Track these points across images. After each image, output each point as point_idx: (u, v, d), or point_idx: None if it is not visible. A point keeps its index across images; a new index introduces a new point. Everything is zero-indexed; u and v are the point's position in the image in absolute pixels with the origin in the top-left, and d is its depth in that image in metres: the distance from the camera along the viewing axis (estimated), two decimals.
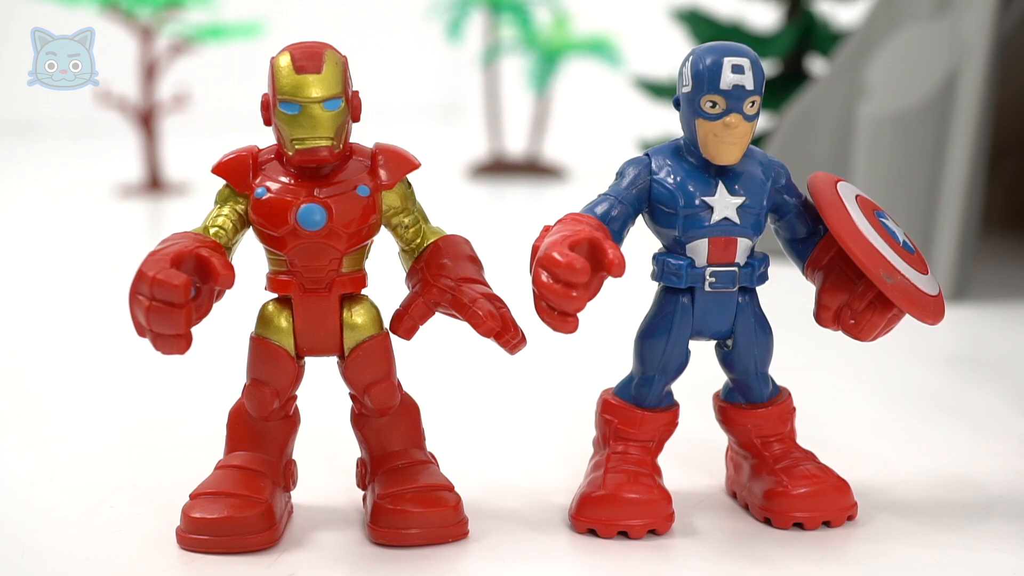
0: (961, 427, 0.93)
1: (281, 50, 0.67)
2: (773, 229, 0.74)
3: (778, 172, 0.72)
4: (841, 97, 1.56)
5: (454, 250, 0.70)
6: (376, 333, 0.70)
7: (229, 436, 0.72)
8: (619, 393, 0.74)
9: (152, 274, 0.60)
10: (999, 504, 0.76)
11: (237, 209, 0.69)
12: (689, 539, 0.70)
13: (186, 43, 2.22)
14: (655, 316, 0.72)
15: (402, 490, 0.69)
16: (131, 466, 0.82)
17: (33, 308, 1.38)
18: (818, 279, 0.72)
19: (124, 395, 1.01)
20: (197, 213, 0.71)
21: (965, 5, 1.39)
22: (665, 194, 0.69)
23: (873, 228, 0.69)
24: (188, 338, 0.61)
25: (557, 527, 0.71)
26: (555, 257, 0.61)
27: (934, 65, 1.38)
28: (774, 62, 1.86)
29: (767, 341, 0.73)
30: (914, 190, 1.38)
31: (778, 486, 0.71)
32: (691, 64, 0.69)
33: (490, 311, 0.67)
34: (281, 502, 0.70)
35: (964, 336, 1.24)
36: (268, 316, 0.70)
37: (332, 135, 0.66)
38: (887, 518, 0.73)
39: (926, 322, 0.69)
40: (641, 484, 0.70)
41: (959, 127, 1.34)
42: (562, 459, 0.83)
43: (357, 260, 0.70)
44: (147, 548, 0.68)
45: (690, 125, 0.69)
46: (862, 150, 1.44)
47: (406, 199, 0.71)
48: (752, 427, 0.74)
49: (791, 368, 0.80)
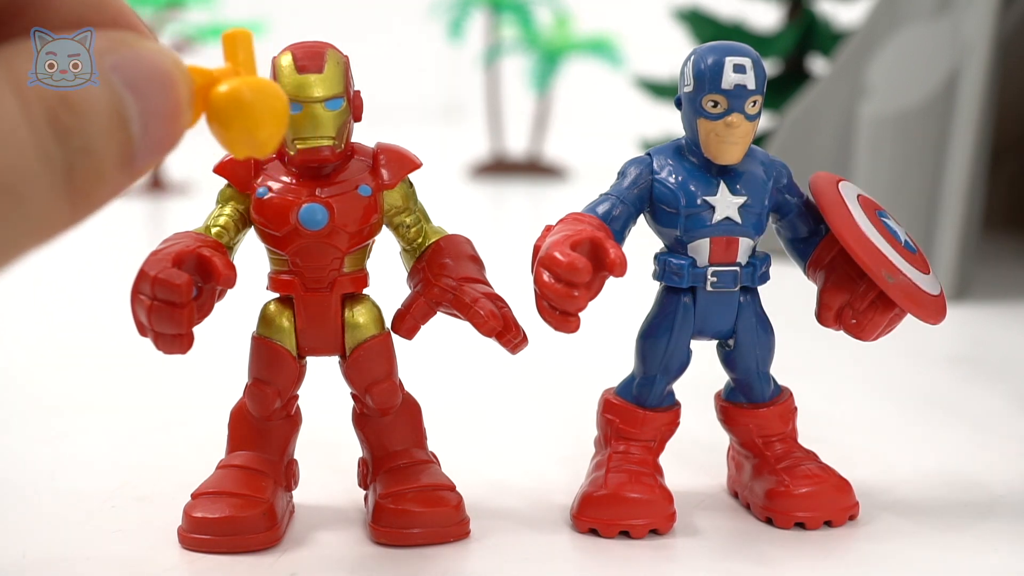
0: (962, 427, 0.93)
1: (283, 50, 0.67)
2: (775, 229, 0.74)
3: (779, 172, 0.72)
4: (842, 97, 1.56)
5: (456, 250, 0.70)
6: (378, 333, 0.70)
7: (231, 436, 0.72)
8: (621, 393, 0.74)
9: (154, 274, 0.60)
10: (1000, 504, 0.76)
11: (239, 209, 0.69)
12: (691, 539, 0.70)
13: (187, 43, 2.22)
14: (657, 316, 0.72)
15: (404, 490, 0.69)
16: (133, 466, 0.82)
17: (35, 308, 1.38)
18: (820, 279, 0.72)
19: (125, 395, 1.01)
20: (198, 213, 0.71)
21: (966, 5, 1.39)
22: (667, 194, 0.69)
23: (875, 228, 0.69)
24: (190, 338, 0.61)
25: (559, 527, 0.71)
26: (557, 257, 0.61)
27: (935, 65, 1.38)
28: (775, 62, 1.86)
29: (769, 341, 0.73)
30: (915, 189, 1.38)
31: (780, 486, 0.71)
32: (693, 64, 0.69)
33: (492, 311, 0.67)
34: (283, 502, 0.70)
35: (965, 336, 1.24)
36: (270, 316, 0.70)
37: (334, 135, 0.66)
38: (888, 518, 0.73)
39: (928, 322, 0.69)
40: (643, 484, 0.70)
41: (960, 127, 1.34)
42: (563, 459, 0.83)
43: (359, 260, 0.70)
44: (149, 547, 0.68)
45: (692, 125, 0.69)
46: (863, 150, 1.44)
47: (408, 199, 0.71)
48: (754, 427, 0.74)
49: (793, 368, 0.80)
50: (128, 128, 0.36)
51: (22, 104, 0.33)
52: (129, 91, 0.36)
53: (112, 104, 0.35)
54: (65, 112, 0.34)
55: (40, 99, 0.34)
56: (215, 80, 0.40)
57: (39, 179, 0.33)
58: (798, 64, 1.87)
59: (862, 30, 1.56)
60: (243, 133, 0.40)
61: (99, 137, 0.35)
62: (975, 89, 1.33)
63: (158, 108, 0.37)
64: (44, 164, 0.34)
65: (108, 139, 0.35)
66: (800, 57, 1.86)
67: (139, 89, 0.36)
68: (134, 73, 0.36)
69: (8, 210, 0.33)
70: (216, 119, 0.40)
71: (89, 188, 0.35)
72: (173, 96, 0.37)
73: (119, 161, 0.36)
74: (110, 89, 0.35)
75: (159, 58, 0.37)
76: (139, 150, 0.36)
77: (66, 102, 0.34)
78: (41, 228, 0.34)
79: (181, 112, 0.38)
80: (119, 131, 0.35)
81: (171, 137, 0.37)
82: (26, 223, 0.34)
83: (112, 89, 0.35)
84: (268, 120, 0.40)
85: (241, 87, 0.40)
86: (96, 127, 0.35)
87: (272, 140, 0.40)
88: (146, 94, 0.36)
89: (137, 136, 0.36)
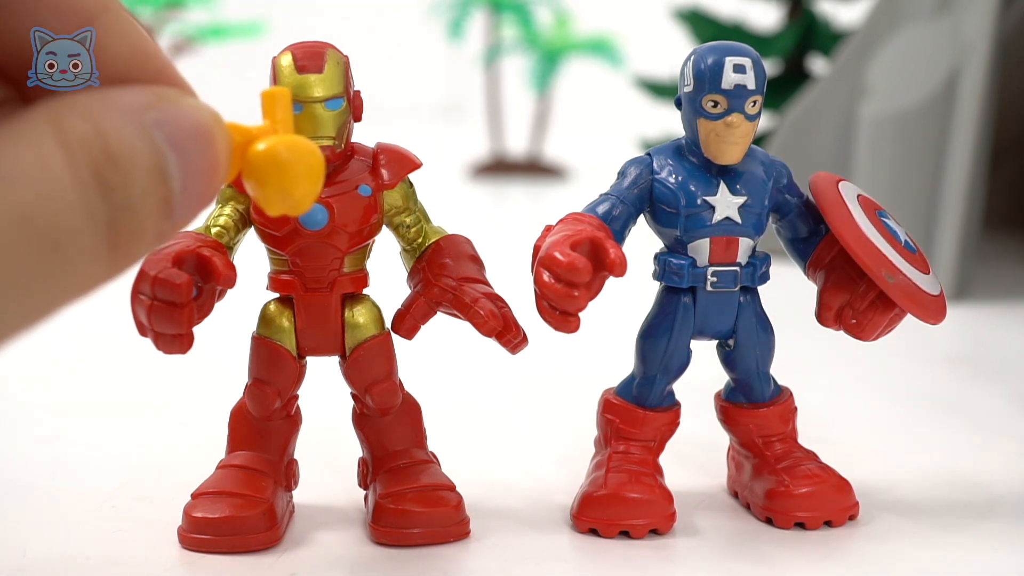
0: (962, 427, 0.93)
1: (283, 50, 0.67)
2: (775, 229, 0.74)
3: (779, 172, 0.72)
4: (842, 97, 1.56)
5: (456, 250, 0.70)
6: (378, 333, 0.70)
7: (231, 436, 0.72)
8: (621, 393, 0.74)
9: (154, 273, 0.60)
10: (1000, 504, 0.76)
11: (239, 209, 0.69)
12: (690, 539, 0.70)
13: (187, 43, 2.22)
14: (657, 316, 0.72)
15: (404, 490, 0.69)
16: (133, 465, 0.82)
17: None
18: (820, 279, 0.72)
19: (125, 395, 1.01)
20: None
21: (966, 5, 1.39)
22: (667, 194, 0.69)
23: (875, 228, 0.69)
24: (190, 337, 0.61)
25: (559, 527, 0.71)
26: (557, 257, 0.61)
27: (935, 65, 1.38)
28: (775, 62, 1.86)
29: (768, 341, 0.73)
30: (915, 189, 1.38)
31: (780, 486, 0.71)
32: (693, 64, 0.69)
33: (492, 311, 0.67)
34: (283, 501, 0.70)
35: (965, 336, 1.24)
36: (270, 316, 0.70)
37: (334, 134, 0.66)
38: (888, 518, 0.73)
39: (928, 322, 0.69)
40: (643, 484, 0.70)
41: (960, 127, 1.34)
42: (563, 459, 0.83)
43: (359, 260, 0.70)
44: (149, 547, 0.68)
45: (692, 125, 0.69)
46: (863, 150, 1.44)
47: (408, 198, 0.71)
48: (754, 427, 0.74)
49: (793, 368, 0.80)
50: (168, 184, 0.36)
51: (68, 159, 0.34)
52: (170, 147, 0.36)
53: (154, 160, 0.36)
54: (109, 168, 0.35)
55: (86, 155, 0.34)
56: (253, 138, 0.40)
57: (82, 234, 0.34)
58: (798, 64, 1.87)
59: (862, 30, 1.56)
60: (279, 192, 0.40)
61: (141, 193, 0.35)
62: (975, 89, 1.33)
63: (197, 165, 0.37)
64: (87, 219, 0.34)
65: (149, 195, 0.36)
66: (800, 57, 1.86)
67: (180, 146, 0.36)
68: (175, 130, 0.36)
69: (51, 264, 0.34)
70: (253, 176, 0.40)
71: (129, 243, 0.36)
72: (212, 153, 0.38)
73: (159, 216, 0.36)
74: (152, 145, 0.36)
75: (200, 115, 0.37)
76: (178, 205, 0.37)
77: (111, 158, 0.35)
78: (81, 282, 0.35)
79: (219, 169, 0.38)
80: (160, 187, 0.36)
81: (209, 193, 0.38)
82: (67, 277, 0.34)
83: (154, 145, 0.36)
84: (304, 179, 0.40)
85: (278, 146, 0.40)
86: (139, 183, 0.35)
87: (307, 199, 0.41)
88: (186, 151, 0.37)
89: (176, 192, 0.36)
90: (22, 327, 0.35)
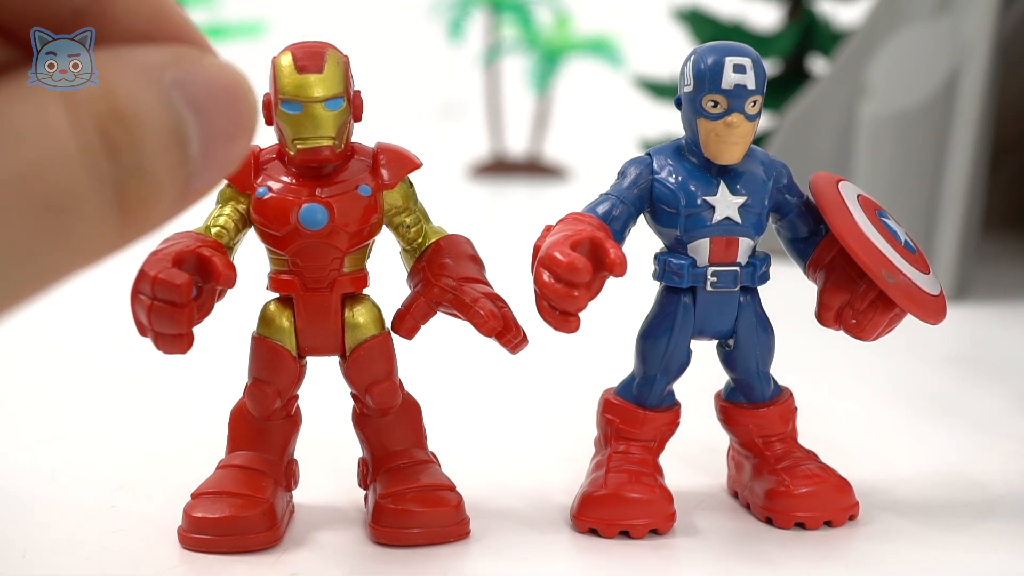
0: (962, 427, 0.93)
1: (282, 49, 0.67)
2: (775, 229, 0.74)
3: (779, 172, 0.72)
4: (842, 97, 1.56)
5: (456, 250, 0.70)
6: (378, 333, 0.70)
7: (231, 436, 0.72)
8: (621, 393, 0.74)
9: (154, 274, 0.60)
10: (1000, 504, 0.76)
11: (239, 209, 0.69)
12: (691, 539, 0.70)
13: None
14: (657, 316, 0.72)
15: (404, 490, 0.69)
16: (133, 465, 0.82)
17: (35, 308, 1.38)
18: (820, 279, 0.72)
19: (125, 395, 1.01)
20: (199, 212, 0.71)
21: (966, 5, 1.39)
22: (667, 194, 0.69)
23: (875, 228, 0.69)
24: (190, 337, 0.61)
25: (559, 527, 0.71)
26: (557, 257, 0.61)
27: (935, 65, 1.38)
28: (775, 62, 1.86)
29: (768, 341, 0.73)
30: (915, 189, 1.38)
31: (780, 486, 0.71)
32: (693, 64, 0.69)
33: (492, 311, 0.67)
34: (283, 501, 0.70)
35: (965, 336, 1.24)
36: (270, 316, 0.70)
37: (334, 135, 0.66)
38: (888, 518, 0.73)
39: (928, 322, 0.69)
40: (643, 484, 0.70)
41: (960, 127, 1.34)
42: (563, 459, 0.83)
43: (359, 260, 0.70)
44: (149, 547, 0.68)
45: (692, 125, 0.69)
46: (863, 150, 1.44)
47: (408, 198, 0.71)
48: (754, 427, 0.74)
49: (793, 367, 0.80)
50: (185, 148, 0.33)
51: (72, 118, 0.32)
52: (190, 109, 0.33)
53: (169, 121, 0.33)
54: (117, 128, 0.32)
55: (92, 113, 0.32)
56: None
57: (87, 199, 0.32)
58: (798, 64, 1.86)
59: (862, 30, 1.56)
60: None
61: (153, 156, 0.33)
62: (975, 89, 1.33)
63: (220, 128, 0.34)
64: (92, 182, 0.32)
65: (163, 158, 0.33)
66: (800, 57, 1.86)
67: (201, 107, 0.34)
68: (196, 90, 0.34)
69: (54, 231, 0.31)
70: None
71: (140, 210, 0.33)
72: (237, 116, 0.35)
73: (173, 183, 0.33)
74: (168, 105, 0.33)
75: (225, 75, 0.35)
76: (196, 172, 0.34)
77: (120, 117, 0.32)
78: (87, 251, 0.32)
79: (245, 133, 0.35)
80: (176, 150, 0.33)
81: (232, 159, 0.35)
82: (72, 245, 0.32)
83: (171, 105, 0.33)
84: None
85: None
86: (150, 145, 0.33)
87: None
88: (208, 113, 0.34)
89: (195, 157, 0.34)
90: (23, 295, 0.32)
